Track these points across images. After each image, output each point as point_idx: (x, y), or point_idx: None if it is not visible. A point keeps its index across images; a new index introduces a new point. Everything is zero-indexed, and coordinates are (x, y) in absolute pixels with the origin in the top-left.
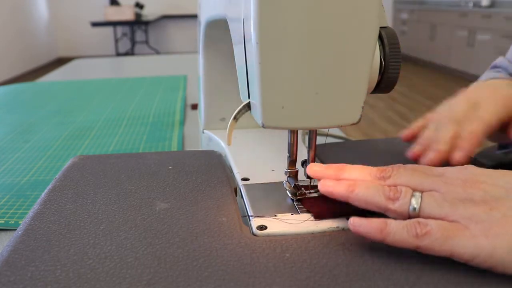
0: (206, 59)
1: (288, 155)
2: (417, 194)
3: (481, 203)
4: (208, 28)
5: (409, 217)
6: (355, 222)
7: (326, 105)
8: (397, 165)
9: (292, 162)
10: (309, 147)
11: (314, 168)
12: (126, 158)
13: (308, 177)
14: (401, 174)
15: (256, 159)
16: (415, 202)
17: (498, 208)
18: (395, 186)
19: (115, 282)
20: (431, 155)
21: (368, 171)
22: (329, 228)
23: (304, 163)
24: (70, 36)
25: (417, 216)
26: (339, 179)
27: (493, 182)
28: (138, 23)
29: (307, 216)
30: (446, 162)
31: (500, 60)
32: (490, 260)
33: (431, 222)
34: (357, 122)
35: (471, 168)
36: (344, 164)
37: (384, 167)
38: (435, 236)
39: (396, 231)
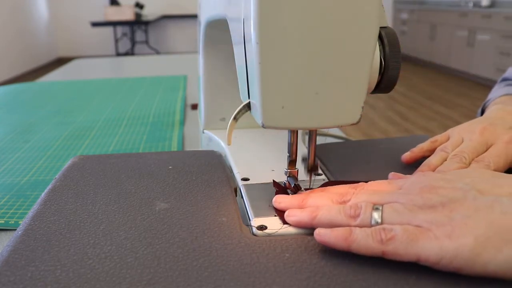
0: (206, 59)
1: (288, 155)
2: (378, 207)
3: (440, 207)
4: (208, 28)
5: None
6: (320, 232)
7: (326, 105)
8: (360, 185)
9: (292, 162)
10: (309, 147)
11: (279, 201)
12: (126, 158)
13: (309, 171)
14: (361, 195)
15: (256, 159)
16: (376, 215)
17: (457, 210)
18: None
19: (115, 282)
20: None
21: (330, 197)
22: None
23: (304, 160)
24: (70, 36)
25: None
26: (303, 207)
27: (451, 185)
28: (138, 23)
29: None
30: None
31: (510, 72)
32: (455, 261)
33: (396, 227)
34: (357, 122)
35: (430, 174)
36: (308, 193)
37: (344, 192)
38: (400, 240)
39: (361, 239)
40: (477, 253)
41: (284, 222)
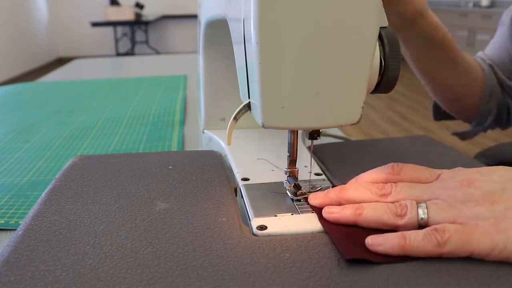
0: (206, 59)
1: (288, 154)
2: (422, 205)
3: (481, 201)
4: (208, 28)
5: (419, 227)
6: (374, 242)
7: (326, 105)
8: (396, 168)
9: (292, 162)
10: (309, 147)
11: (315, 197)
12: (126, 158)
13: (311, 137)
14: (400, 189)
15: (256, 159)
16: (422, 213)
17: (498, 202)
18: (397, 201)
19: (115, 282)
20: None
21: (368, 190)
22: None
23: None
24: (70, 36)
25: (426, 225)
26: (340, 203)
27: (487, 179)
28: (138, 23)
29: (307, 215)
30: None
31: (478, 55)
32: (505, 252)
33: (448, 227)
34: (357, 122)
35: (463, 169)
36: (343, 186)
37: (382, 184)
38: (455, 241)
39: (418, 244)
40: None
41: (321, 219)
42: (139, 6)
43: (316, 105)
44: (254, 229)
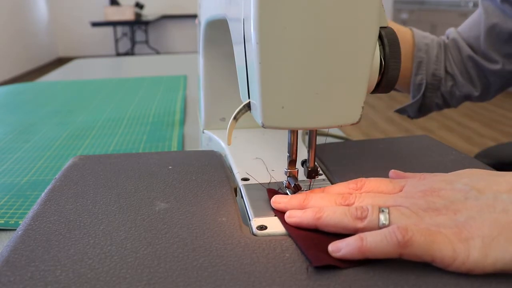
0: (206, 59)
1: (288, 155)
2: (384, 210)
3: (444, 210)
4: (208, 28)
5: None
6: (334, 249)
7: (326, 105)
8: (360, 181)
9: (292, 162)
10: (309, 147)
11: (278, 201)
12: (126, 158)
13: (309, 177)
14: (364, 198)
15: (256, 159)
16: (383, 218)
17: (461, 211)
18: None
19: (115, 281)
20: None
21: (333, 198)
22: None
23: (304, 163)
24: (70, 36)
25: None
26: (303, 208)
27: (451, 187)
28: (138, 23)
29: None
30: None
31: (449, 30)
32: (467, 263)
33: (411, 227)
34: (357, 122)
35: (429, 176)
36: (307, 193)
37: (347, 194)
38: (419, 243)
39: (376, 245)
40: (485, 254)
41: (284, 223)
42: (139, 6)
43: (316, 105)
44: (254, 229)
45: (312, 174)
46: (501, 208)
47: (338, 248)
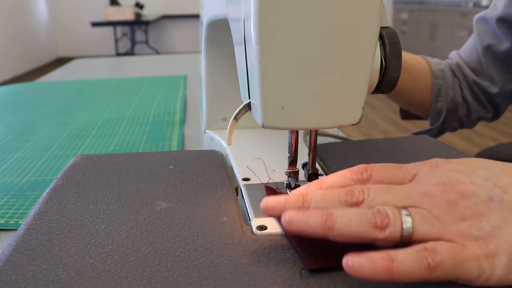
0: (208, 59)
1: (288, 155)
2: (405, 213)
3: (468, 214)
4: (210, 28)
5: (400, 243)
6: (355, 264)
7: (326, 105)
8: (361, 168)
9: (292, 162)
10: (310, 148)
11: (270, 207)
12: (127, 158)
13: (309, 179)
14: (374, 194)
15: (257, 159)
16: (406, 226)
17: (486, 217)
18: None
19: (116, 281)
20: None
21: (337, 196)
22: None
23: (305, 166)
24: (70, 36)
25: (410, 239)
26: (303, 209)
27: (470, 181)
28: (138, 23)
29: None
30: None
31: (450, 55)
32: (491, 279)
33: (439, 247)
34: (358, 123)
35: (441, 164)
36: (303, 189)
37: (351, 188)
38: (448, 265)
39: (406, 267)
40: (510, 270)
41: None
42: (139, 6)
43: (316, 105)
44: (254, 229)
45: (312, 178)
46: None
47: (361, 264)
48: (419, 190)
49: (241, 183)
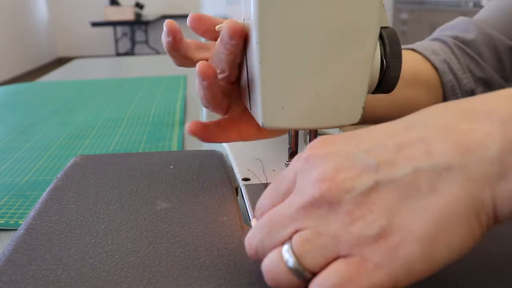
0: None
1: (289, 147)
2: (285, 248)
3: (357, 212)
4: None
5: (304, 280)
6: None
7: (326, 105)
8: (256, 209)
9: (292, 154)
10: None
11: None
12: (127, 158)
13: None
14: (259, 242)
15: (257, 160)
16: (291, 266)
17: (378, 209)
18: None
19: (116, 281)
20: None
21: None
22: None
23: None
24: (70, 36)
25: (302, 274)
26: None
27: (350, 164)
28: (138, 23)
29: None
30: None
31: (468, 26)
32: (411, 278)
33: (328, 277)
34: (358, 123)
35: (315, 151)
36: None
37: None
38: None
39: None
40: (430, 258)
41: None
42: (139, 6)
43: (316, 105)
44: None
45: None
46: (426, 187)
47: None
48: (297, 204)
49: (241, 183)
